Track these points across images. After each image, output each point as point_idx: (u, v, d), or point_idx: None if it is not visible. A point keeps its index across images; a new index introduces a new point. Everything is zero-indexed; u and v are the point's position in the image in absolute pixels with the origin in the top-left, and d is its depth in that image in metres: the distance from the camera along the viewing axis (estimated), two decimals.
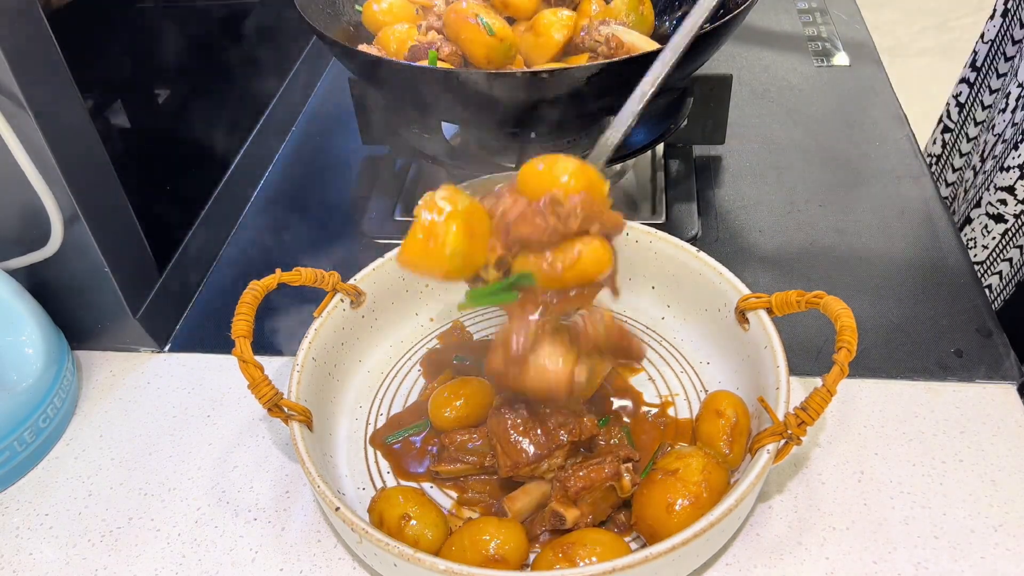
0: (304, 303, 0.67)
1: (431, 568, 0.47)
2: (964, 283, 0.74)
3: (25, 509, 0.62)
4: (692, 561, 0.52)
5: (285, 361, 0.72)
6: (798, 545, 0.55)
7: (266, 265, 0.61)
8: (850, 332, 0.52)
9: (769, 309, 0.59)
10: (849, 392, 0.66)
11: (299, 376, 0.59)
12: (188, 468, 0.64)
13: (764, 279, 0.77)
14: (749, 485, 0.49)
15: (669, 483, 0.53)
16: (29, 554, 0.59)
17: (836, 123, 0.96)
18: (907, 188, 0.86)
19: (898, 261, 0.77)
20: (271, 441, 0.66)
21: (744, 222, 0.84)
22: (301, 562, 0.57)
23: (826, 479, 0.60)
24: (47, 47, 0.62)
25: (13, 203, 0.64)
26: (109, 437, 0.68)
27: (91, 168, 0.67)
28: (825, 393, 0.51)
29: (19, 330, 0.66)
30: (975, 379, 0.66)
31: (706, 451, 0.56)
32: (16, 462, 0.64)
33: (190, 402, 0.70)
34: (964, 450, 0.61)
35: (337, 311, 0.64)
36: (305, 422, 0.57)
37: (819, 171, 0.90)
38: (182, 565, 0.57)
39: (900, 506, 0.57)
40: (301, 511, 0.60)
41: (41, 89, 0.60)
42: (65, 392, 0.68)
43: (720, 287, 0.64)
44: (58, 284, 0.70)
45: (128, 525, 0.61)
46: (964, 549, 0.54)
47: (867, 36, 1.11)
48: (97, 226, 0.66)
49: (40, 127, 0.60)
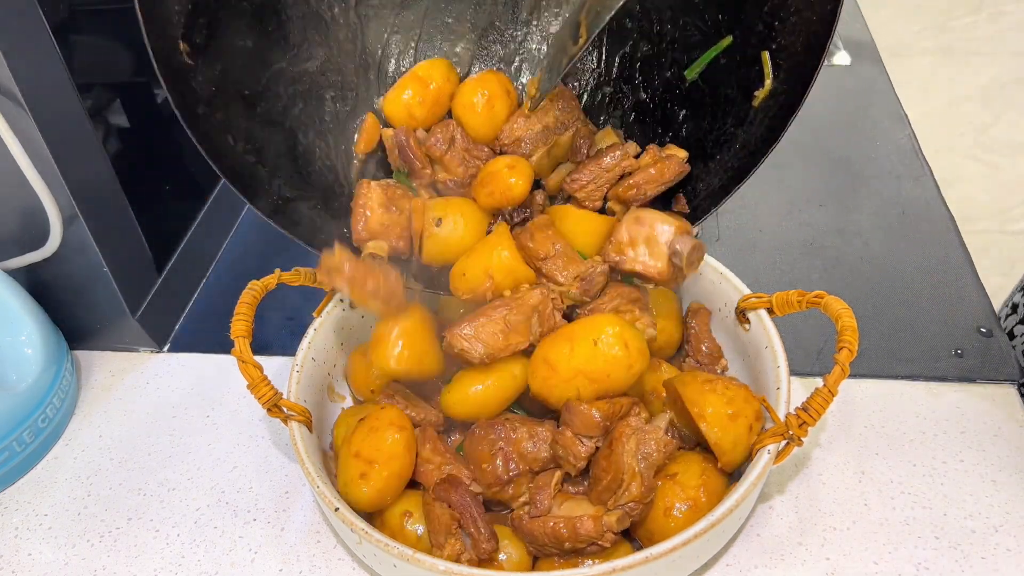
0: (304, 303, 0.67)
1: (431, 568, 0.47)
2: (964, 283, 0.74)
3: (24, 509, 0.62)
4: (692, 562, 0.52)
5: (285, 361, 0.71)
6: (799, 545, 0.55)
7: (266, 265, 0.61)
8: (851, 332, 0.51)
9: (770, 309, 0.59)
10: (850, 392, 0.65)
11: (298, 376, 0.59)
12: (188, 468, 0.64)
13: (764, 279, 0.77)
14: (749, 486, 0.49)
15: (667, 487, 0.52)
16: (28, 554, 0.59)
17: (836, 123, 0.96)
18: (907, 188, 0.86)
19: (898, 261, 0.77)
20: (270, 441, 0.66)
21: (744, 222, 0.84)
22: (301, 562, 0.57)
23: (827, 479, 0.59)
24: (47, 47, 0.61)
25: (12, 203, 0.64)
26: (108, 437, 0.68)
27: (90, 168, 0.67)
28: (826, 393, 0.51)
29: (18, 330, 0.66)
30: (975, 379, 0.66)
31: (705, 455, 0.55)
32: (15, 462, 0.64)
33: (190, 402, 0.70)
34: (964, 450, 0.60)
35: (337, 311, 0.64)
36: (304, 422, 0.56)
37: (819, 171, 0.90)
38: (181, 565, 0.57)
39: (901, 506, 0.57)
40: (301, 511, 0.60)
41: (40, 89, 0.60)
42: (64, 392, 0.68)
43: (720, 287, 0.63)
44: (57, 284, 0.70)
45: (127, 525, 0.60)
46: (965, 549, 0.54)
47: (867, 36, 1.11)
48: (96, 226, 0.66)
49: (39, 127, 0.60)
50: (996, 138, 2.03)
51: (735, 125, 0.59)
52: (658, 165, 0.60)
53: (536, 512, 0.51)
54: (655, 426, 0.52)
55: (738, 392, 0.53)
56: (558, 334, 0.55)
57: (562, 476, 0.54)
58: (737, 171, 0.59)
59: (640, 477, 0.50)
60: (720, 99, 0.61)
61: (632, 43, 0.65)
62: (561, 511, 0.51)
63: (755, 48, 0.57)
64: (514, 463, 0.54)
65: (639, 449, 0.51)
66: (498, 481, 0.54)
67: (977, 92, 2.18)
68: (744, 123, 0.59)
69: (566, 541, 0.50)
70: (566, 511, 0.51)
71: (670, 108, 0.64)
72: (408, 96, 0.64)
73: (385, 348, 0.58)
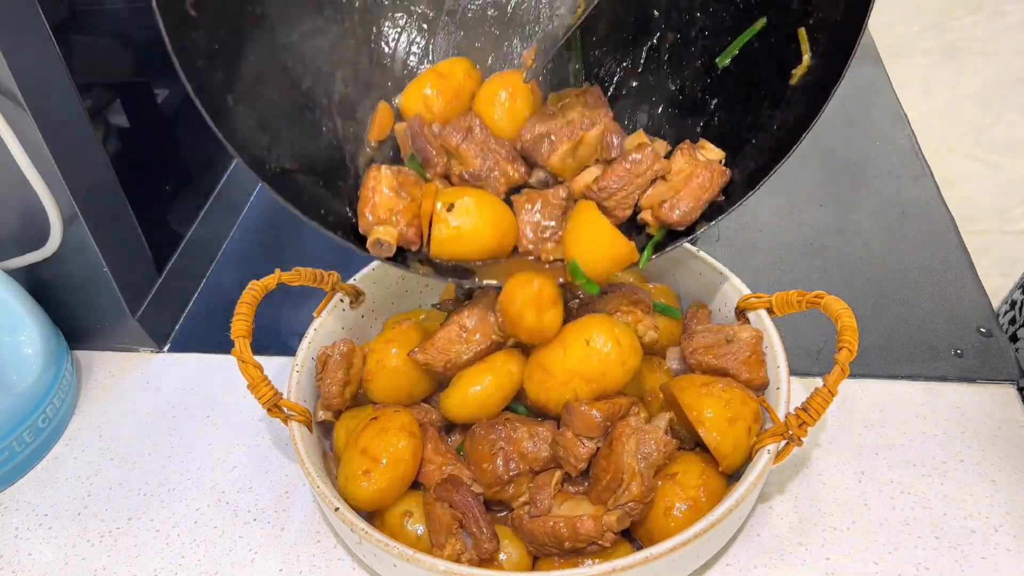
0: (304, 303, 0.67)
1: (431, 568, 0.47)
2: (964, 283, 0.74)
3: (24, 509, 0.62)
4: (692, 562, 0.52)
5: (285, 361, 0.71)
6: (799, 546, 0.55)
7: (265, 265, 0.61)
8: (851, 332, 0.51)
9: (769, 309, 0.59)
10: (850, 392, 0.65)
11: (298, 376, 0.59)
12: (188, 468, 0.64)
13: (764, 279, 0.77)
14: (749, 486, 0.49)
15: (667, 487, 0.52)
16: (28, 554, 0.59)
17: (836, 123, 0.96)
18: (908, 188, 0.86)
19: (898, 261, 0.77)
20: (270, 441, 0.66)
21: (744, 222, 0.84)
22: (300, 562, 0.57)
23: (827, 479, 0.59)
24: (47, 47, 0.61)
25: (12, 203, 0.64)
26: (108, 437, 0.68)
27: (90, 168, 0.67)
28: (826, 393, 0.51)
29: (18, 330, 0.66)
30: (975, 379, 0.66)
31: (705, 455, 0.55)
32: (16, 462, 0.64)
33: (190, 402, 0.70)
34: (964, 450, 0.60)
35: (337, 311, 0.64)
36: (304, 422, 0.57)
37: (819, 171, 0.89)
38: (181, 565, 0.57)
39: (901, 506, 0.57)
40: (300, 511, 0.60)
41: (40, 89, 0.60)
42: (64, 392, 0.68)
43: (720, 287, 0.63)
44: (57, 284, 0.70)
45: (127, 525, 0.60)
46: (965, 549, 0.54)
47: (868, 36, 1.11)
48: (96, 226, 0.66)
49: (39, 127, 0.60)
50: (996, 138, 2.03)
51: (772, 107, 0.57)
52: (698, 178, 0.56)
53: (536, 512, 0.51)
54: (655, 426, 0.52)
55: (735, 394, 0.53)
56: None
57: (562, 476, 0.54)
58: (774, 152, 0.56)
59: (640, 477, 0.50)
60: (755, 83, 0.58)
61: (659, 35, 0.63)
62: (561, 511, 0.51)
63: (791, 27, 0.55)
64: (514, 463, 0.54)
65: (639, 449, 0.51)
66: (498, 481, 0.54)
67: (977, 92, 2.18)
68: (781, 104, 0.57)
69: (566, 540, 0.50)
70: (566, 511, 0.51)
71: (701, 98, 0.62)
72: (427, 90, 0.61)
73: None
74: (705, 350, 0.57)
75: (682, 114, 0.62)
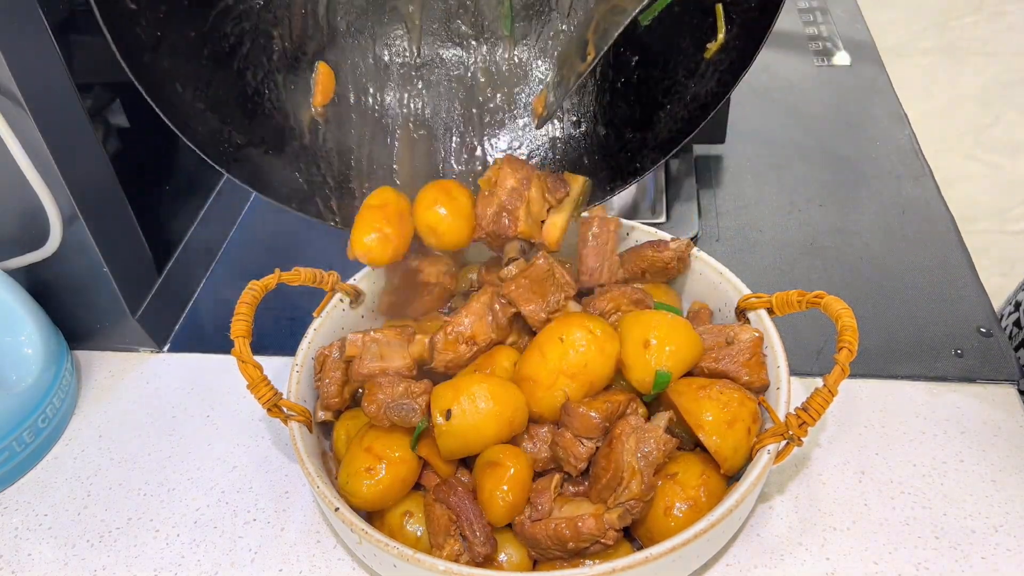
0: (304, 303, 0.67)
1: (431, 568, 0.47)
2: (964, 283, 0.74)
3: (24, 509, 0.62)
4: (692, 562, 0.52)
5: (285, 361, 0.71)
6: (799, 546, 0.55)
7: (265, 265, 0.61)
8: (851, 332, 0.51)
9: (769, 309, 0.59)
10: (850, 392, 0.65)
11: (298, 376, 0.59)
12: (187, 468, 0.64)
13: (764, 279, 0.77)
14: (749, 486, 0.49)
15: (667, 487, 0.52)
16: (28, 554, 0.59)
17: (836, 123, 0.96)
18: (908, 188, 0.86)
19: (898, 261, 0.77)
20: (270, 441, 0.66)
21: (744, 222, 0.84)
22: (300, 563, 0.57)
23: (827, 479, 0.59)
24: (47, 47, 0.61)
25: (12, 203, 0.64)
26: (108, 437, 0.68)
27: (90, 168, 0.67)
28: (826, 393, 0.51)
29: (18, 330, 0.66)
30: (975, 379, 0.66)
31: (704, 455, 0.55)
32: (15, 462, 0.64)
33: (189, 402, 0.70)
34: (964, 450, 0.60)
35: (336, 311, 0.64)
36: (304, 422, 0.56)
37: (819, 171, 0.90)
38: (181, 566, 0.57)
39: (901, 506, 0.57)
40: (300, 511, 0.60)
41: (40, 89, 0.60)
42: (64, 392, 0.68)
43: (720, 287, 0.63)
44: (57, 284, 0.70)
45: (127, 525, 0.60)
46: (964, 549, 0.54)
47: (868, 36, 1.11)
48: (96, 226, 0.66)
49: (39, 127, 0.60)
50: (996, 138, 2.03)
51: (686, 76, 0.60)
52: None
53: (537, 516, 0.51)
54: (655, 424, 0.52)
55: (732, 395, 0.53)
56: (528, 347, 0.56)
57: (561, 479, 0.54)
58: (686, 123, 0.60)
59: (640, 475, 0.50)
60: (673, 48, 0.61)
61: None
62: (562, 513, 0.51)
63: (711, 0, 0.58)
64: None
65: (639, 447, 0.51)
66: None
67: (977, 92, 2.18)
68: (695, 75, 0.60)
69: (569, 541, 0.50)
70: (567, 513, 0.51)
71: (623, 53, 0.64)
72: (371, 238, 0.61)
73: None
74: (704, 354, 0.57)
75: (604, 66, 0.66)
